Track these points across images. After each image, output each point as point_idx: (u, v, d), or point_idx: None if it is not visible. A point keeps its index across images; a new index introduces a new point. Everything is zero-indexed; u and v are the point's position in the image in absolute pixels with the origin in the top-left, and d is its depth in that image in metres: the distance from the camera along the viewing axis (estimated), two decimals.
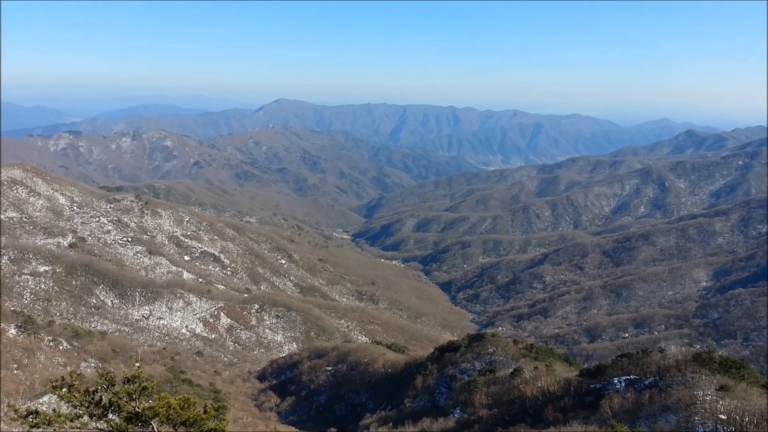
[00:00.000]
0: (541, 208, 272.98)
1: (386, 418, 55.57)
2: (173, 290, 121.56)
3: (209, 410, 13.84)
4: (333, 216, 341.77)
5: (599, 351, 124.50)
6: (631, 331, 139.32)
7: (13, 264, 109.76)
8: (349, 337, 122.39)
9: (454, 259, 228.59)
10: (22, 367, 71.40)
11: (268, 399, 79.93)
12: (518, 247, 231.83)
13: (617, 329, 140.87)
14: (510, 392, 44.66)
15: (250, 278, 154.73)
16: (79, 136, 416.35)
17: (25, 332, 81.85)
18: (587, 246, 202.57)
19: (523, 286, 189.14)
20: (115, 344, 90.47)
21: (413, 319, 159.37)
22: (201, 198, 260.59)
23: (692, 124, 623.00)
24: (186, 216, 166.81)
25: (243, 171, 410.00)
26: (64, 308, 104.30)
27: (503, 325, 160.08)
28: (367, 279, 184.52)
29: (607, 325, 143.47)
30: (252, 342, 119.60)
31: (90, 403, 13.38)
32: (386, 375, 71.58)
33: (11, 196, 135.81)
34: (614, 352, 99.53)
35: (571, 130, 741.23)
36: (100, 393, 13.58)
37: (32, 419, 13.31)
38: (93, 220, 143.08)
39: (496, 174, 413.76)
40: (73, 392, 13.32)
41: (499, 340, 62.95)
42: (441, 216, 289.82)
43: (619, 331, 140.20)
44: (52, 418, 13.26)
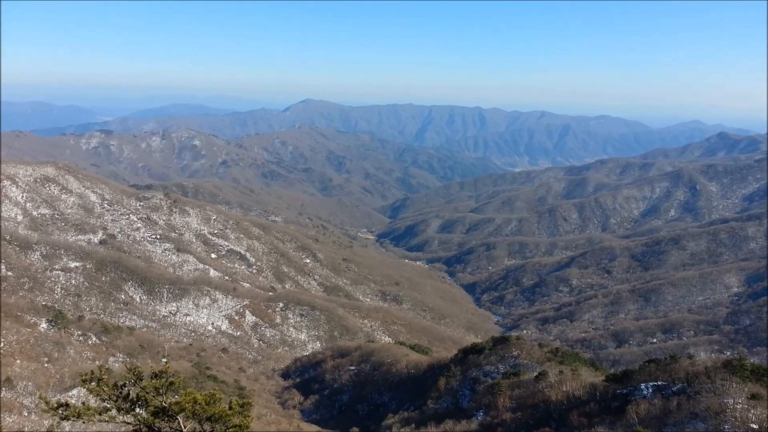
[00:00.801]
0: (569, 210, 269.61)
1: (409, 418, 55.53)
2: (200, 287, 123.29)
3: (234, 407, 14.00)
4: (358, 216, 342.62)
5: (626, 356, 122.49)
6: (660, 336, 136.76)
7: (45, 259, 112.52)
8: (373, 337, 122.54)
9: (479, 260, 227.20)
10: (53, 360, 73.16)
11: (291, 397, 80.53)
12: (544, 249, 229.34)
13: (645, 334, 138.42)
14: (534, 396, 44.27)
15: (275, 277, 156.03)
16: (110, 135, 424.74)
17: (55, 327, 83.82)
18: (615, 249, 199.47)
19: (549, 289, 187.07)
20: (142, 340, 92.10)
21: (437, 320, 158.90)
22: (228, 197, 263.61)
23: (725, 126, 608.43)
24: (213, 214, 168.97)
25: (269, 170, 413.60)
26: (93, 303, 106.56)
27: (528, 328, 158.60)
28: (391, 279, 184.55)
29: (634, 330, 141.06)
30: (276, 340, 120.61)
31: (118, 397, 13.65)
32: (409, 376, 71.51)
33: (44, 194, 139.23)
34: (641, 357, 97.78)
35: (600, 132, 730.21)
36: (128, 387, 13.84)
37: (62, 411, 13.64)
38: (123, 218, 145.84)
39: (523, 175, 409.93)
40: (101, 386, 13.60)
41: (523, 344, 62.44)
42: (466, 217, 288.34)
43: (647, 336, 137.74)
44: (82, 411, 13.55)
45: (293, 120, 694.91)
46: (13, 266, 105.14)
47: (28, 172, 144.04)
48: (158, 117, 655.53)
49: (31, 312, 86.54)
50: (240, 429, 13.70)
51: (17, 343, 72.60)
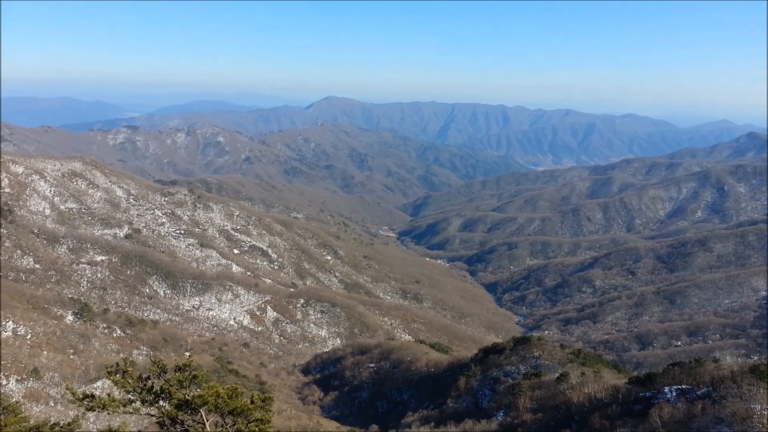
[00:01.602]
0: (593, 210, 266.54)
1: (428, 417, 55.47)
2: (222, 282, 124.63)
3: (256, 401, 14.11)
4: (379, 214, 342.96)
5: (650, 359, 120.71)
6: (684, 339, 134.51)
7: (71, 253, 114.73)
8: (393, 334, 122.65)
9: (501, 260, 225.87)
10: (78, 352, 74.59)
11: (311, 393, 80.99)
12: (567, 249, 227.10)
13: (669, 337, 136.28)
14: (555, 397, 43.88)
15: (297, 273, 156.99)
16: (136, 131, 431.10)
17: (81, 319, 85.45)
18: (640, 250, 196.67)
19: (571, 289, 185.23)
20: (166, 333, 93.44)
21: (457, 319, 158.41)
22: (251, 193, 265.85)
23: (754, 126, 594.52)
24: (236, 210, 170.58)
25: (292, 167, 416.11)
26: (118, 297, 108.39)
27: (550, 329, 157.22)
28: (412, 277, 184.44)
29: (658, 332, 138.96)
30: (297, 336, 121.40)
31: (142, 389, 13.86)
32: (429, 374, 71.42)
33: (71, 188, 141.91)
34: (665, 360, 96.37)
35: (626, 131, 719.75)
36: (152, 380, 14.04)
37: (88, 402, 13.90)
38: (148, 213, 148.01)
39: (546, 174, 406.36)
40: (126, 378, 13.82)
41: (545, 344, 61.94)
42: (488, 216, 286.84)
43: (672, 339, 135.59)
44: (107, 402, 13.79)
45: (316, 117, 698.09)
46: (40, 259, 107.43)
47: (56, 166, 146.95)
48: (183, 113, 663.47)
49: (58, 304, 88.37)
50: (261, 423, 13.80)
51: (44, 334, 74.19)
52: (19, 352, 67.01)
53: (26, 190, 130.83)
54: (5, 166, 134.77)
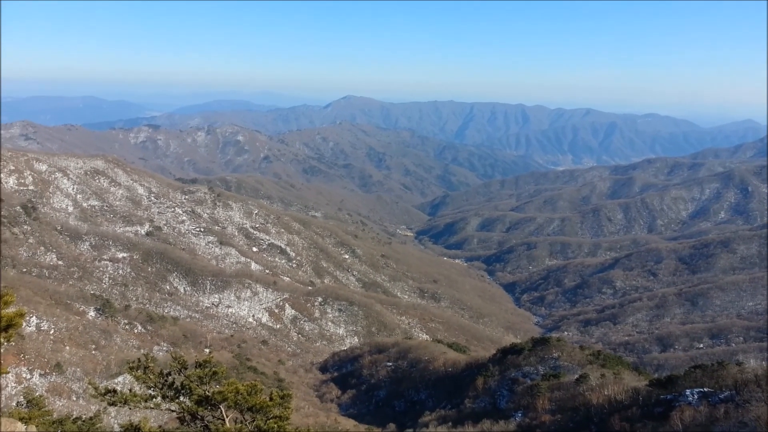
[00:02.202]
0: (613, 210, 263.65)
1: (446, 417, 55.32)
2: (241, 280, 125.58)
3: (275, 398, 14.15)
4: (397, 213, 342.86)
5: (671, 361, 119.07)
6: (707, 341, 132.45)
7: (94, 250, 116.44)
8: (410, 334, 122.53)
9: (519, 260, 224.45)
10: (100, 348, 75.70)
11: (329, 390, 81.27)
12: (587, 250, 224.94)
13: (691, 339, 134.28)
14: (574, 399, 43.48)
15: (315, 271, 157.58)
16: (157, 130, 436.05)
17: (103, 315, 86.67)
18: (662, 251, 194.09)
19: (591, 290, 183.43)
20: (186, 330, 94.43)
21: (475, 319, 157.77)
22: (269, 191, 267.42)
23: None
24: (255, 209, 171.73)
25: (310, 166, 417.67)
26: (139, 293, 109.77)
27: (569, 330, 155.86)
28: (430, 277, 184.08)
29: (680, 334, 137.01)
30: (315, 334, 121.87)
31: (163, 385, 13.97)
32: (446, 374, 71.23)
33: (93, 186, 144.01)
34: (687, 362, 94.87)
35: (648, 130, 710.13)
36: (173, 376, 14.15)
37: (110, 397, 14.05)
38: (169, 211, 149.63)
39: (566, 174, 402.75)
40: (148, 374, 13.94)
41: (564, 345, 61.42)
42: (506, 216, 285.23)
43: (693, 341, 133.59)
44: (128, 397, 13.93)
45: (334, 116, 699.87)
46: (63, 255, 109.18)
47: (78, 164, 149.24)
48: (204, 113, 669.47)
49: (80, 300, 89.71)
50: (280, 420, 13.84)
51: (67, 330, 75.39)
52: (42, 347, 68.19)
53: (49, 187, 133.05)
54: (29, 163, 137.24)
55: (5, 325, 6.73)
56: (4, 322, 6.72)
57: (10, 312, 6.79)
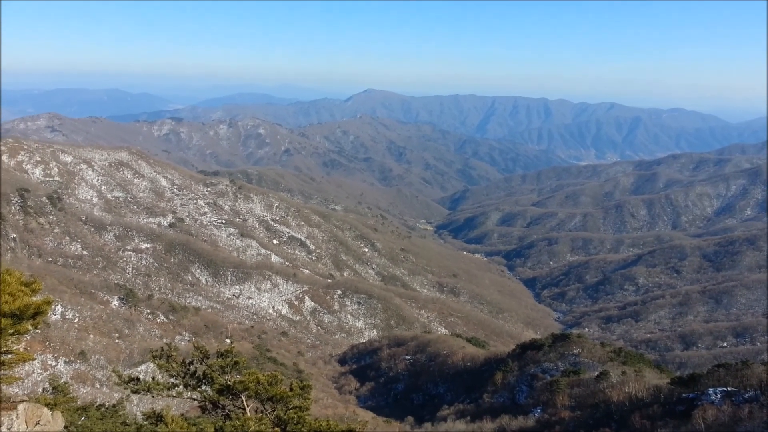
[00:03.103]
0: (637, 206, 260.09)
1: (464, 411, 55.28)
2: (262, 272, 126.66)
3: (295, 388, 14.25)
4: (416, 207, 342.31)
5: (693, 359, 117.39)
6: (731, 340, 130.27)
7: (117, 240, 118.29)
8: (429, 327, 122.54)
9: (540, 255, 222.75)
10: (123, 336, 77.00)
11: (347, 382, 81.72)
12: (610, 246, 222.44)
13: (715, 338, 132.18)
14: (594, 395, 43.18)
15: (334, 264, 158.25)
16: (180, 123, 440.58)
17: (126, 304, 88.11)
18: (686, 248, 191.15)
19: (613, 287, 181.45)
20: (207, 320, 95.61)
21: (494, 314, 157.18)
22: (290, 184, 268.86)
23: None
24: (275, 201, 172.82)
25: (330, 159, 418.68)
26: (162, 284, 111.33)
27: (590, 326, 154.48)
28: (449, 271, 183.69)
29: (703, 332, 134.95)
30: (334, 326, 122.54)
31: (186, 373, 14.15)
32: (465, 368, 71.14)
33: (118, 177, 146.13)
34: (710, 361, 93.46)
35: (673, 125, 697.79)
36: (195, 365, 14.32)
37: (134, 385, 14.28)
38: (191, 202, 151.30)
39: (589, 169, 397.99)
40: (170, 363, 14.13)
41: (585, 342, 60.95)
42: (527, 211, 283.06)
43: (717, 339, 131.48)
44: (151, 385, 14.14)
45: (355, 110, 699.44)
46: (88, 246, 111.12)
47: (103, 156, 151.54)
48: (226, 106, 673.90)
49: (104, 290, 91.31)
50: (300, 411, 13.93)
51: (91, 318, 76.81)
52: (67, 335, 69.59)
53: (75, 178, 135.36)
54: (55, 155, 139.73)
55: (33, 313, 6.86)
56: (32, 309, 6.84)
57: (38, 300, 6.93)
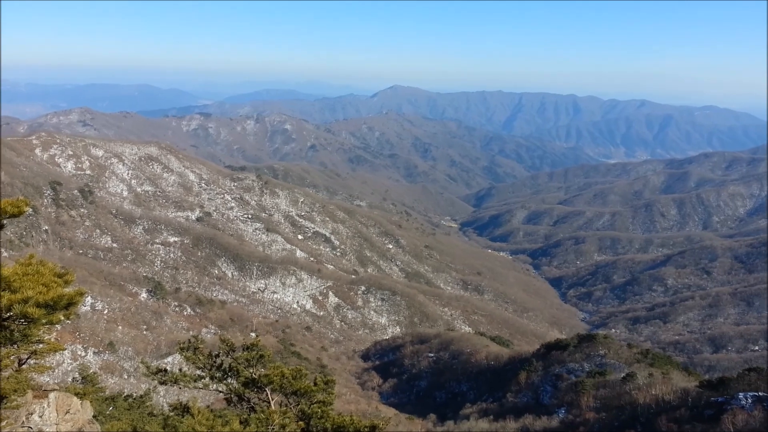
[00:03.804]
0: (667, 205, 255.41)
1: (487, 410, 55.04)
2: (287, 267, 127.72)
3: (319, 383, 14.33)
4: (441, 204, 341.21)
5: (723, 363, 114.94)
6: (762, 344, 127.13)
7: (146, 233, 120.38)
8: (452, 325, 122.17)
9: (566, 254, 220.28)
10: (151, 328, 78.38)
11: (370, 378, 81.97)
12: (638, 246, 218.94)
13: (746, 341, 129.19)
14: (620, 397, 42.63)
15: (358, 260, 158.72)
16: (208, 118, 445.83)
17: (154, 297, 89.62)
18: (717, 249, 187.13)
19: (641, 287, 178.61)
20: (233, 313, 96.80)
21: (519, 313, 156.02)
22: (315, 180, 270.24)
23: None
24: (301, 197, 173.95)
25: (356, 155, 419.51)
26: (189, 277, 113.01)
27: (617, 327, 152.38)
28: (473, 269, 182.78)
29: (734, 335, 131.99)
30: (357, 322, 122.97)
31: (212, 366, 14.35)
32: (488, 367, 70.79)
33: (147, 171, 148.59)
34: (741, 365, 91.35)
35: (706, 123, 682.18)
36: (221, 358, 14.50)
37: (161, 377, 14.52)
38: (218, 197, 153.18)
39: (618, 167, 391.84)
40: (197, 355, 14.33)
41: (611, 343, 60.17)
42: (554, 209, 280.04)
43: (748, 343, 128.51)
44: (179, 377, 14.37)
45: (381, 106, 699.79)
46: (118, 238, 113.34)
47: (133, 151, 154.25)
48: (253, 101, 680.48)
49: (133, 282, 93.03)
50: (323, 405, 14.00)
51: (120, 310, 78.37)
52: (96, 326, 71.12)
53: (105, 172, 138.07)
54: (87, 149, 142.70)
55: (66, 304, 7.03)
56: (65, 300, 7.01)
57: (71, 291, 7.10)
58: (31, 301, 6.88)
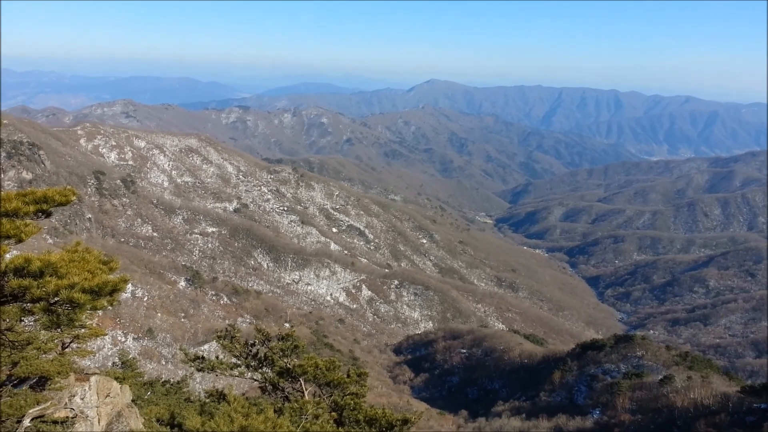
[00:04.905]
0: (711, 205, 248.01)
1: (519, 408, 54.61)
2: (321, 259, 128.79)
3: (352, 375, 14.45)
4: (476, 199, 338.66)
5: (767, 368, 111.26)
6: None
7: (186, 223, 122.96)
8: (486, 322, 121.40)
9: (605, 253, 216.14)
10: (188, 316, 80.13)
11: (402, 372, 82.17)
12: (680, 246, 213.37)
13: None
14: (657, 400, 41.74)
15: (392, 254, 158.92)
16: (247, 111, 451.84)
17: (192, 285, 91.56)
18: (762, 251, 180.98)
19: (682, 288, 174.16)
20: (267, 304, 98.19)
21: (554, 311, 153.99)
22: (350, 174, 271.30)
23: None
24: (336, 190, 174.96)
25: (391, 149, 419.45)
26: (226, 267, 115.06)
27: (655, 328, 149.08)
28: (508, 265, 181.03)
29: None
30: (390, 316, 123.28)
31: (248, 354, 14.61)
32: (522, 365, 70.17)
33: (188, 163, 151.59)
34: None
35: (753, 121, 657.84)
36: (257, 347, 14.75)
37: (199, 364, 14.86)
38: (255, 189, 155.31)
39: (660, 165, 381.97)
40: (234, 344, 14.61)
41: (649, 344, 58.94)
42: (592, 207, 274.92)
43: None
44: (216, 364, 14.68)
45: (417, 100, 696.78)
46: (158, 228, 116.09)
47: (174, 142, 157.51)
48: (290, 95, 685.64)
49: (172, 270, 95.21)
50: (356, 397, 14.11)
51: (159, 297, 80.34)
52: (136, 313, 73.10)
53: (147, 163, 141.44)
54: (129, 140, 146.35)
55: (110, 290, 7.25)
56: (110, 287, 7.24)
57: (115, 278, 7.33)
58: (77, 286, 7.12)
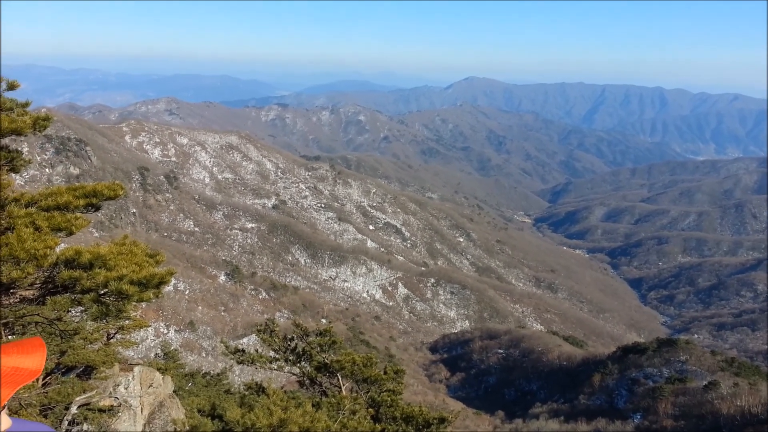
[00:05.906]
0: (760, 206, 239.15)
1: (557, 410, 53.83)
2: (357, 256, 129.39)
3: (389, 372, 14.44)
4: (515, 198, 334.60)
5: None
6: None
7: (226, 219, 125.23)
8: (523, 323, 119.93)
9: (648, 254, 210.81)
10: (228, 310, 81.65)
11: (438, 371, 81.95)
12: (726, 248, 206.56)
13: None
14: (701, 406, 40.56)
15: (428, 252, 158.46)
16: (286, 109, 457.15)
17: (232, 280, 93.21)
18: None
19: (728, 292, 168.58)
20: (305, 299, 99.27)
21: (594, 313, 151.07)
22: (387, 171, 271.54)
23: None
24: (373, 188, 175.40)
25: (428, 147, 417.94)
26: (264, 262, 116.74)
27: (700, 333, 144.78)
28: (547, 266, 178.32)
29: None
30: (426, 314, 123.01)
31: (287, 349, 14.77)
32: (560, 367, 69.14)
33: (228, 159, 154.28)
34: None
35: None
36: (296, 341, 14.89)
37: (239, 356, 15.10)
38: (293, 186, 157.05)
39: (707, 165, 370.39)
40: (273, 338, 14.78)
41: (693, 349, 57.27)
42: (635, 207, 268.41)
43: None
44: (255, 358, 14.88)
45: (455, 98, 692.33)
46: (200, 223, 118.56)
47: (215, 139, 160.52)
48: (329, 93, 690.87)
49: (213, 265, 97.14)
50: (393, 394, 14.10)
51: (200, 291, 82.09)
52: (178, 306, 74.84)
53: (189, 159, 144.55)
54: (172, 137, 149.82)
55: (157, 282, 7.43)
56: (157, 279, 7.41)
57: (161, 270, 7.51)
58: (125, 278, 7.30)
